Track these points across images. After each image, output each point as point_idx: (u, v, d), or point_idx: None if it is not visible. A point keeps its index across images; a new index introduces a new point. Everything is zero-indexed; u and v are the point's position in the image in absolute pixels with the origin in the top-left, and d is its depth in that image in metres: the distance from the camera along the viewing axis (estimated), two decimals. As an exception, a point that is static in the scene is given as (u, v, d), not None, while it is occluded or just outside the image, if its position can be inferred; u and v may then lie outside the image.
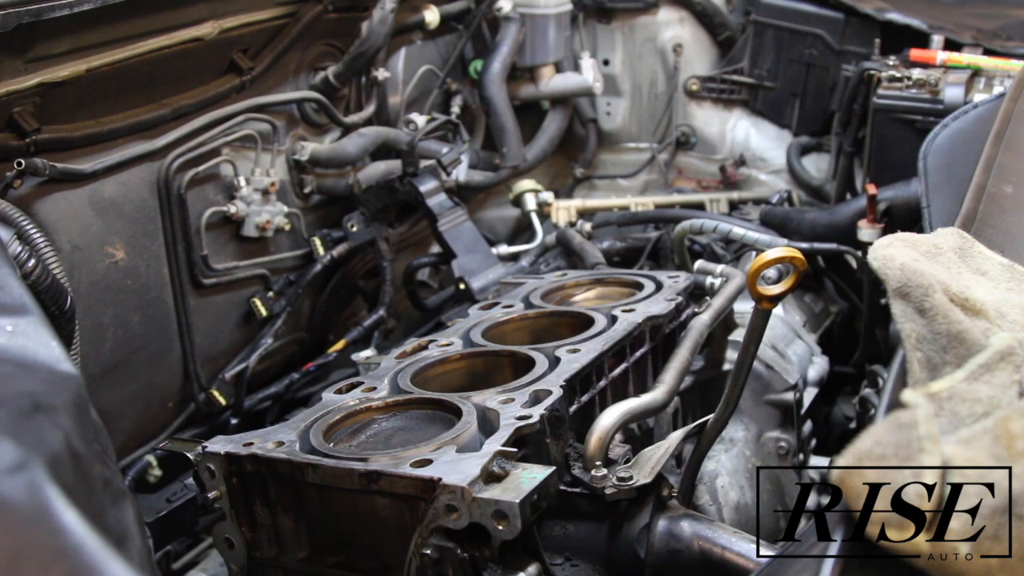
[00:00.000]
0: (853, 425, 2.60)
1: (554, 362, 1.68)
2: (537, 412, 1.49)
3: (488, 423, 1.50)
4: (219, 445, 1.52)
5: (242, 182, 2.50)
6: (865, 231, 2.59)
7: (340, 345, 2.70)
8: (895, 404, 0.88)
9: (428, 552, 1.34)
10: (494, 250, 2.93)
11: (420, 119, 3.05)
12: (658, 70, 3.68)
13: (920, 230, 1.45)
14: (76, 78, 2.06)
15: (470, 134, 3.28)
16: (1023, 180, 1.75)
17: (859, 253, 2.67)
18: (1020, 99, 2.03)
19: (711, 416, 1.67)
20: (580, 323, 1.86)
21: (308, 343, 2.82)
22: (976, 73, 2.87)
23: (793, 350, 2.42)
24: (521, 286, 2.14)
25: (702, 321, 1.92)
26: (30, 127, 2.00)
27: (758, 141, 3.57)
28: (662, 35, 3.64)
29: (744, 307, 2.01)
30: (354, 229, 2.81)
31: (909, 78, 2.83)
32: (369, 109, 2.95)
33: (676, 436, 1.62)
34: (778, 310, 2.50)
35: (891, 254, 1.14)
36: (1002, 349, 0.95)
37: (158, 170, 2.31)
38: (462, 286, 2.72)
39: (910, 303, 1.06)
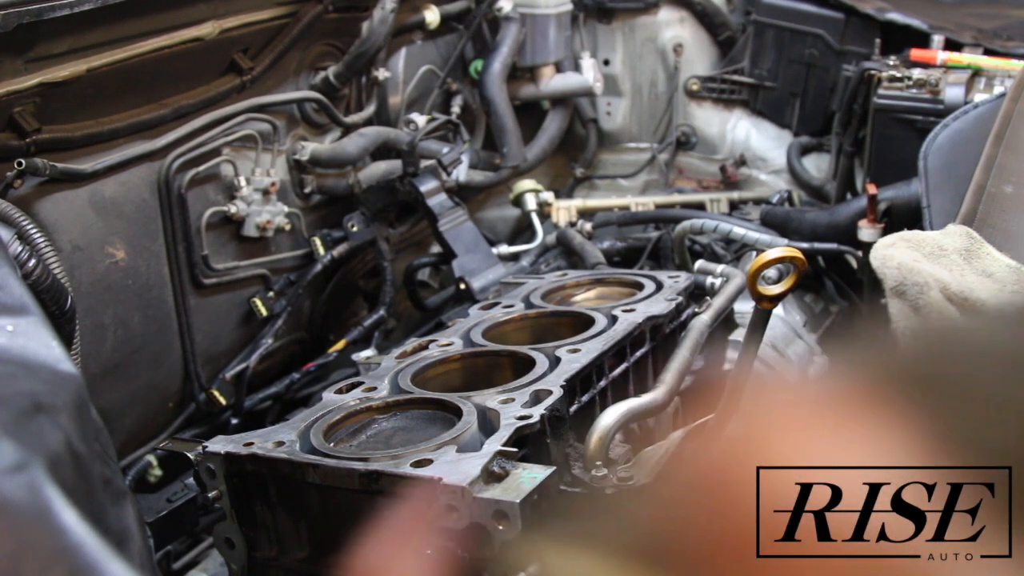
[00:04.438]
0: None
1: (554, 362, 1.68)
2: (537, 412, 1.49)
3: (488, 423, 1.50)
4: (219, 445, 1.52)
5: (242, 182, 2.50)
6: (865, 231, 2.59)
7: (340, 345, 2.70)
8: None
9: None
10: (494, 250, 2.93)
11: (420, 119, 3.05)
12: (658, 70, 3.68)
13: (921, 230, 1.45)
14: (76, 78, 2.06)
15: (470, 134, 3.28)
16: (1023, 180, 1.75)
17: (859, 253, 2.67)
18: (1020, 99, 2.03)
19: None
20: (580, 323, 1.86)
21: (308, 343, 2.82)
22: (976, 73, 2.87)
23: (793, 350, 2.42)
24: (521, 286, 2.14)
25: (702, 321, 1.92)
26: (30, 127, 2.00)
27: (758, 141, 3.57)
28: (662, 35, 3.64)
29: (744, 307, 2.01)
30: (354, 229, 2.81)
31: (909, 78, 2.83)
32: (369, 109, 2.95)
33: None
34: (778, 310, 2.50)
35: (890, 254, 1.14)
36: None
37: (158, 170, 2.31)
38: (462, 286, 2.72)
39: (906, 301, 1.06)
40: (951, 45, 3.01)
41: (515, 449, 1.42)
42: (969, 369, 0.33)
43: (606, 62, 3.69)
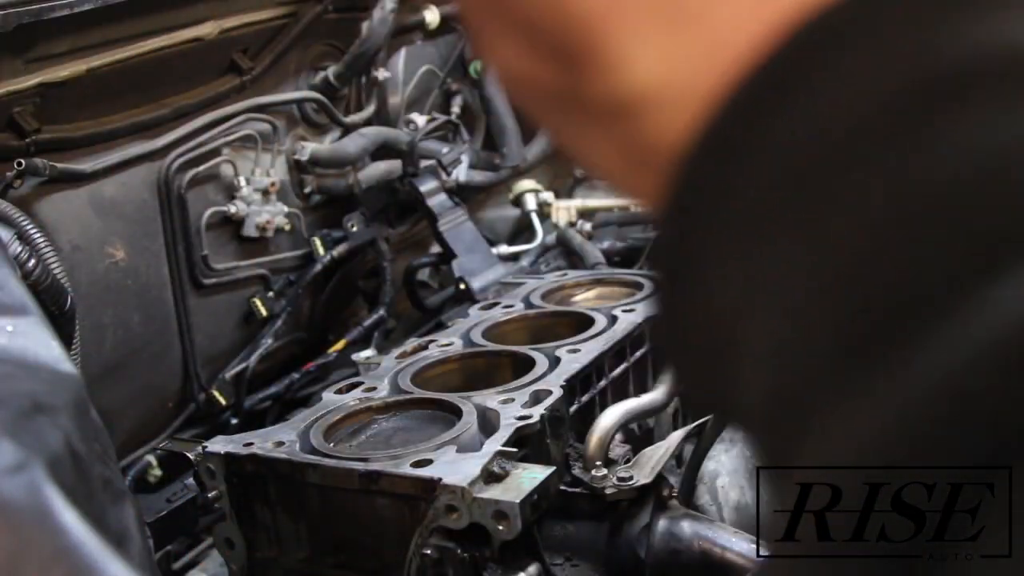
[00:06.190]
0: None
1: (554, 362, 1.68)
2: (537, 412, 1.49)
3: (488, 423, 1.50)
4: (219, 445, 1.52)
5: (242, 182, 2.50)
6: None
7: (340, 345, 2.70)
8: None
9: (428, 552, 1.34)
10: (494, 250, 2.93)
11: (420, 119, 3.05)
12: (658, 70, 3.68)
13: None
14: (76, 78, 2.06)
15: (470, 134, 3.28)
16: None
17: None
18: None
19: (711, 416, 1.67)
20: (580, 323, 1.86)
21: (308, 343, 2.82)
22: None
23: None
24: (521, 286, 2.14)
25: (702, 321, 1.91)
26: (30, 127, 2.00)
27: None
28: (662, 35, 3.63)
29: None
30: (354, 229, 2.81)
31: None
32: (369, 109, 2.94)
33: (676, 436, 1.62)
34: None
35: None
36: None
37: (158, 170, 2.31)
38: (462, 286, 2.72)
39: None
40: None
41: (515, 449, 1.42)
42: None
43: (606, 62, 3.68)
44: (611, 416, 1.55)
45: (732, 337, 0.24)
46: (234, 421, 2.53)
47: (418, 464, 1.37)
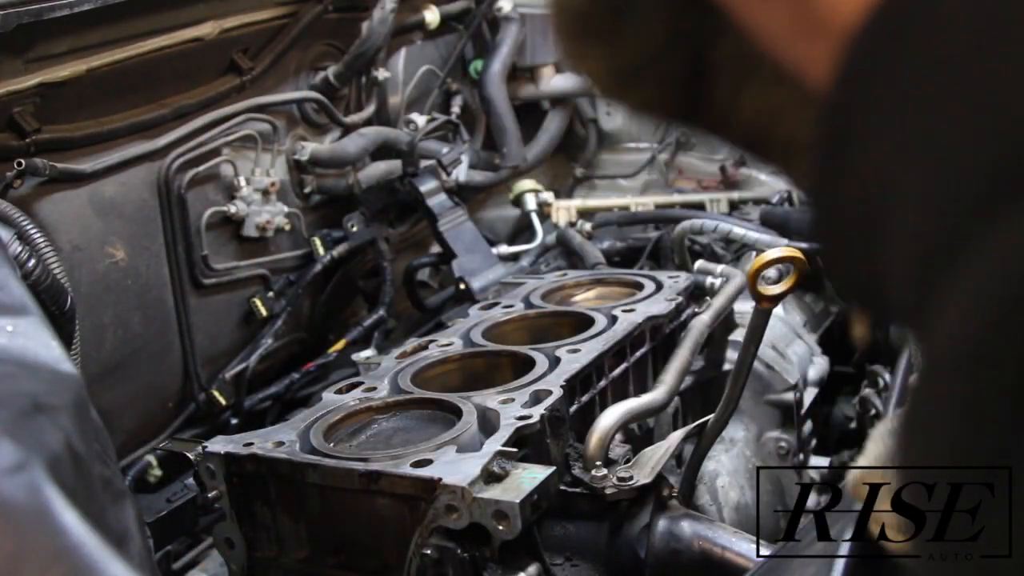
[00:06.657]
0: (853, 425, 2.60)
1: (554, 362, 1.68)
2: (537, 412, 1.49)
3: (488, 423, 1.50)
4: (219, 445, 1.52)
5: (242, 182, 2.50)
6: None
7: (340, 345, 2.70)
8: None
9: (428, 552, 1.34)
10: (494, 250, 2.93)
11: (420, 119, 3.05)
12: (658, 70, 3.67)
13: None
14: (76, 78, 2.06)
15: (470, 134, 3.28)
16: None
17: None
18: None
19: (711, 416, 1.67)
20: (580, 323, 1.86)
21: (308, 343, 2.82)
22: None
23: (793, 350, 2.42)
24: (521, 286, 2.14)
25: (702, 321, 1.92)
26: (30, 127, 2.00)
27: (758, 141, 3.56)
28: (662, 35, 3.62)
29: (744, 307, 2.01)
30: (354, 229, 2.81)
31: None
32: (369, 109, 2.95)
33: (676, 436, 1.62)
34: (778, 310, 2.50)
35: None
36: None
37: (158, 170, 2.31)
38: (462, 286, 2.72)
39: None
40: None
41: (515, 449, 1.42)
42: None
43: (606, 62, 3.67)
44: (611, 416, 1.55)
45: (890, 193, 0.26)
46: (234, 421, 2.53)
47: (418, 464, 1.37)
